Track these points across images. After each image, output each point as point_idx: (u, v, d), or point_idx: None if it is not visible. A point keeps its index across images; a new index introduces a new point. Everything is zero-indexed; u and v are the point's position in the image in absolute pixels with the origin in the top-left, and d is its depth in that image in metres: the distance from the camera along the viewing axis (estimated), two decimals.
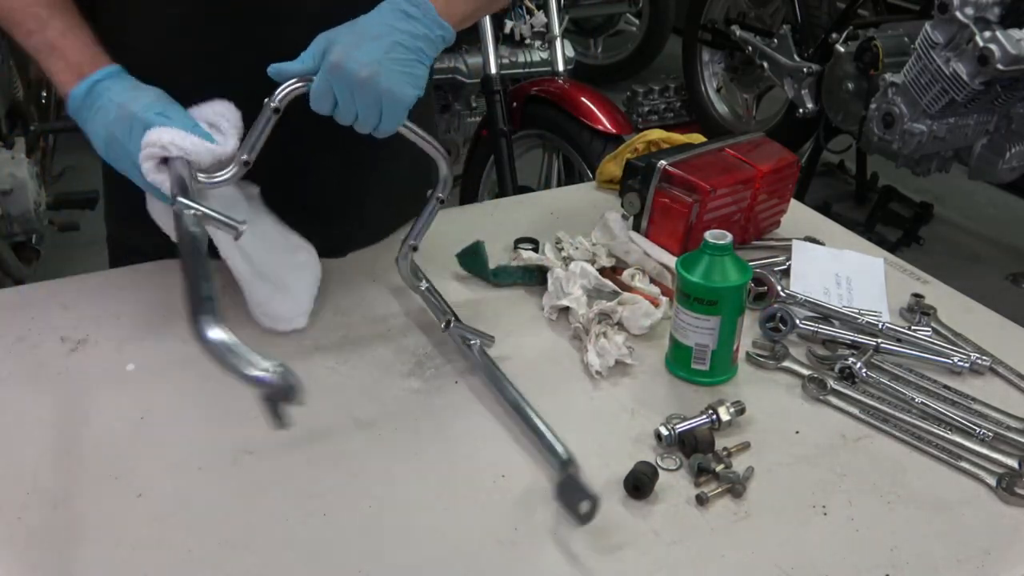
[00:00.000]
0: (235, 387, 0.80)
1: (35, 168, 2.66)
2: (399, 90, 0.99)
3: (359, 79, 0.97)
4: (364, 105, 0.99)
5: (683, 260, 1.09)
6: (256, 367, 0.76)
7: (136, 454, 0.96)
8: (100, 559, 0.84)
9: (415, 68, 1.01)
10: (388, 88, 0.98)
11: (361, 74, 0.97)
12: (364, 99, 0.98)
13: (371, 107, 0.99)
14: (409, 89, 1.00)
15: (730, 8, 4.22)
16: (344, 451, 0.98)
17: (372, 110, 1.00)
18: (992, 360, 1.13)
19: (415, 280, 1.19)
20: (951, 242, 3.63)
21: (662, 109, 4.49)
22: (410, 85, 1.00)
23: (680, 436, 0.98)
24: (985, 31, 2.64)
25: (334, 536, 0.87)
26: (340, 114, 1.00)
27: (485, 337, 1.12)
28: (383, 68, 0.98)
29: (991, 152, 2.99)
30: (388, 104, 0.99)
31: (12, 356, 1.10)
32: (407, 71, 1.00)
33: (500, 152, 2.53)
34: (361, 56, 0.97)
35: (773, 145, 1.44)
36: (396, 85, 0.99)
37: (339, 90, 0.98)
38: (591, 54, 5.10)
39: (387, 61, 0.98)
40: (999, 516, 0.92)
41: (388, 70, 0.98)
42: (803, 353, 1.15)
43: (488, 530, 0.88)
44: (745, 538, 0.89)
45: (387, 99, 0.99)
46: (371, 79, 0.97)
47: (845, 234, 1.47)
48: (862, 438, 1.02)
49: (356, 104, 0.99)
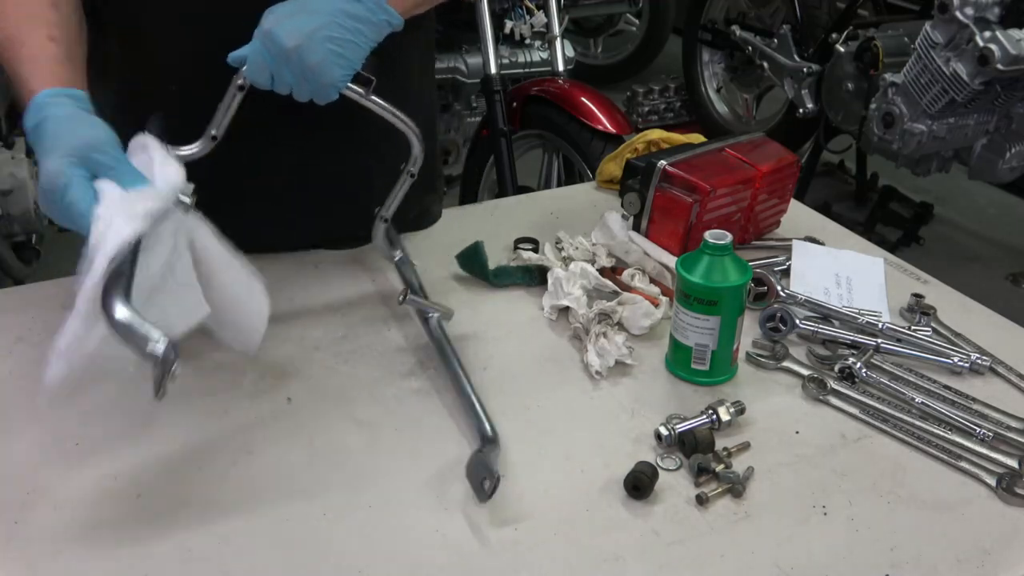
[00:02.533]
0: (235, 387, 0.80)
1: (35, 168, 2.66)
2: (325, 68, 0.98)
3: (286, 48, 0.96)
4: (292, 75, 0.98)
5: (683, 260, 1.09)
6: (150, 340, 0.79)
7: (136, 454, 0.96)
8: (100, 559, 0.84)
9: (347, 49, 0.99)
10: (313, 63, 0.97)
11: (288, 43, 0.96)
12: (292, 69, 0.98)
13: (299, 79, 0.98)
14: (336, 69, 0.99)
15: (730, 8, 4.22)
16: (344, 451, 0.98)
17: (301, 82, 0.99)
18: (992, 360, 1.13)
19: (389, 250, 1.22)
20: (951, 242, 3.63)
21: (662, 109, 4.49)
22: (337, 65, 0.99)
23: (680, 436, 0.98)
24: (985, 31, 2.64)
25: (334, 536, 0.87)
26: (276, 85, 1.00)
27: (443, 310, 1.13)
28: (312, 40, 0.96)
29: (991, 152, 2.99)
30: (313, 80, 0.98)
31: (12, 356, 1.10)
32: (337, 49, 0.98)
33: (500, 152, 2.53)
34: (291, 26, 0.97)
35: (773, 145, 1.44)
36: (323, 62, 0.97)
37: (269, 60, 0.98)
38: (591, 54, 5.10)
39: (318, 36, 0.97)
40: (999, 516, 0.92)
41: (317, 43, 0.97)
42: (803, 353, 1.15)
43: (488, 530, 0.88)
44: (745, 538, 0.89)
45: (311, 75, 0.98)
46: (297, 49, 0.96)
47: (845, 234, 1.47)
48: (862, 438, 1.02)
49: (286, 74, 0.98)
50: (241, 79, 1.01)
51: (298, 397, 1.05)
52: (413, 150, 1.11)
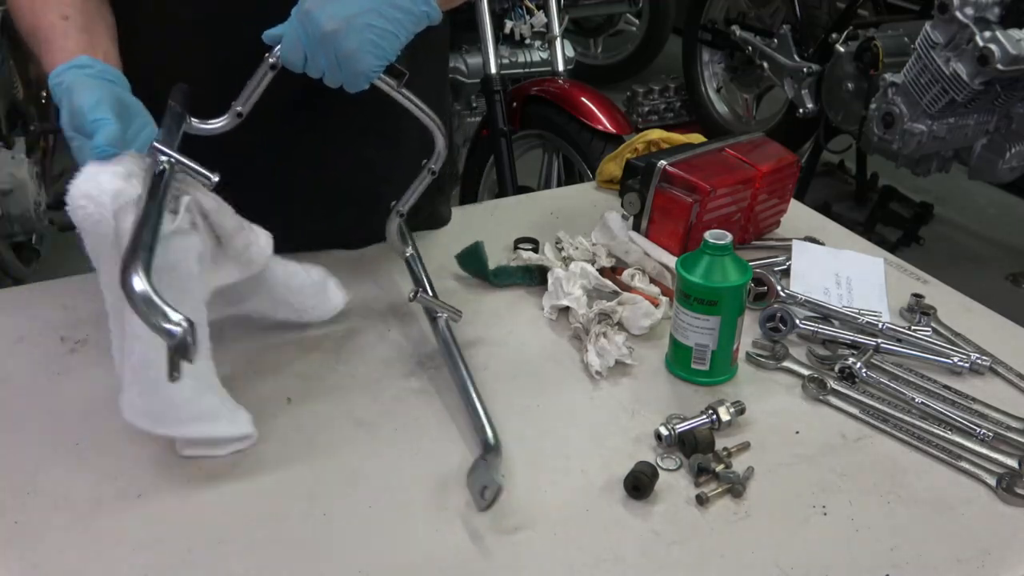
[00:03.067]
0: (235, 387, 0.80)
1: (35, 168, 2.66)
2: (361, 56, 0.97)
3: (323, 31, 0.95)
4: (326, 60, 0.97)
5: (683, 260, 1.09)
6: (168, 320, 0.78)
7: (136, 454, 0.96)
8: (100, 559, 0.84)
9: (385, 38, 0.98)
10: (349, 49, 0.96)
11: (327, 27, 0.95)
12: (327, 53, 0.97)
13: (332, 63, 0.98)
14: (372, 59, 0.98)
15: (730, 8, 4.22)
16: (344, 451, 0.98)
17: (334, 68, 0.98)
18: (992, 360, 1.13)
19: (401, 245, 1.22)
20: (951, 242, 3.63)
21: (662, 109, 4.49)
22: (373, 54, 0.98)
23: (680, 436, 0.98)
24: (985, 31, 2.64)
25: (334, 536, 0.87)
26: (309, 68, 0.99)
27: (452, 311, 1.13)
28: (351, 27, 0.95)
29: (991, 152, 2.99)
30: (346, 67, 0.97)
31: (12, 356, 1.10)
32: (375, 39, 0.97)
33: (500, 152, 2.53)
34: (332, 9, 0.96)
35: (773, 145, 1.44)
36: (359, 50, 0.96)
37: (305, 41, 0.97)
38: (591, 54, 5.10)
39: (357, 23, 0.96)
40: (999, 516, 0.92)
41: (356, 31, 0.96)
42: (803, 353, 1.15)
43: (488, 530, 0.88)
44: (745, 538, 0.89)
45: (345, 62, 0.97)
46: (335, 34, 0.95)
47: (845, 234, 1.47)
48: (862, 438, 1.02)
49: (320, 58, 0.97)
50: (274, 58, 0.99)
51: (298, 397, 1.05)
52: (437, 146, 1.11)
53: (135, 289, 0.79)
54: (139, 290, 0.79)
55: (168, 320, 0.77)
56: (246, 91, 1.01)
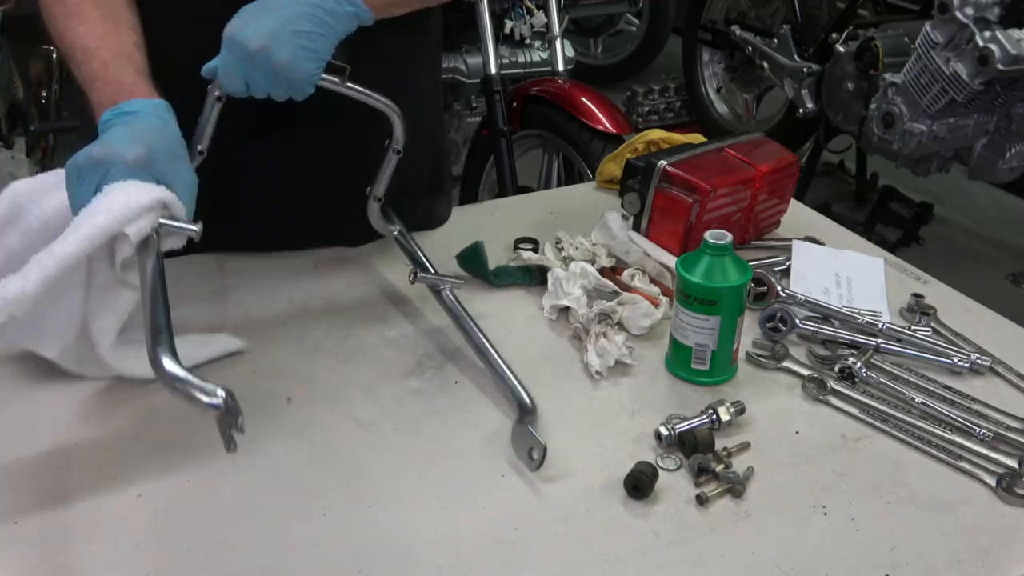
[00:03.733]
0: (235, 387, 0.81)
1: (35, 168, 2.67)
2: (295, 64, 0.97)
3: (251, 51, 0.95)
4: (264, 77, 0.97)
5: (683, 260, 1.09)
6: (206, 395, 0.81)
7: (136, 454, 0.96)
8: (100, 559, 0.84)
9: (315, 41, 0.98)
10: (282, 60, 0.96)
11: (253, 45, 0.95)
12: (262, 71, 0.97)
13: (271, 79, 0.98)
14: (307, 63, 0.98)
15: (730, 8, 4.21)
16: (344, 451, 0.98)
17: (275, 82, 0.98)
18: (992, 360, 1.13)
19: (386, 225, 1.23)
20: (951, 242, 3.63)
21: (662, 109, 4.49)
22: (307, 59, 0.98)
23: (680, 436, 0.98)
24: (985, 31, 2.64)
25: (334, 536, 0.87)
26: (253, 90, 0.99)
27: (453, 280, 1.15)
28: (277, 39, 0.96)
29: (991, 152, 2.98)
30: (285, 78, 0.98)
31: (12, 356, 1.10)
32: (305, 43, 0.97)
33: (500, 152, 2.53)
34: (254, 28, 0.96)
35: (773, 145, 1.44)
36: (292, 59, 0.97)
37: (236, 64, 0.97)
38: (591, 54, 5.10)
39: (283, 33, 0.96)
40: (999, 516, 0.92)
41: (283, 41, 0.96)
42: (803, 353, 1.15)
43: (488, 530, 0.88)
44: (745, 538, 0.89)
45: (282, 73, 0.97)
46: (264, 50, 0.95)
47: (845, 234, 1.47)
48: (862, 438, 1.02)
49: (259, 78, 0.97)
50: (217, 90, 1.00)
51: (298, 397, 1.05)
52: (395, 129, 1.13)
53: (168, 371, 0.82)
54: (173, 372, 0.82)
55: (206, 393, 0.80)
56: (199, 128, 1.03)
